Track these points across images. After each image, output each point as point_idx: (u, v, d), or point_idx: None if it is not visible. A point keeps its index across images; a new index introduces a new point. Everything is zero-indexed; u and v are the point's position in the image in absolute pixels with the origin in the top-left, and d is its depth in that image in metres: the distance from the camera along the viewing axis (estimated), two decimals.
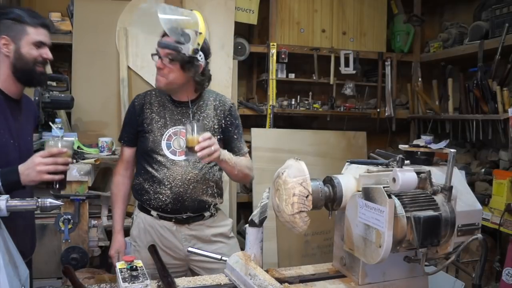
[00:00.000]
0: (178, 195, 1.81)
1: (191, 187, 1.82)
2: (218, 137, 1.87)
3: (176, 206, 1.82)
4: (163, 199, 1.82)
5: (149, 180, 1.85)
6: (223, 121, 1.90)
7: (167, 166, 1.82)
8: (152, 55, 1.81)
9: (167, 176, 1.81)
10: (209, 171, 1.87)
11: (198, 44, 1.75)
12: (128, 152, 1.95)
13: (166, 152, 1.82)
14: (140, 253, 1.86)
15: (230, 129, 1.91)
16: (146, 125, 1.86)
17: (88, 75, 3.20)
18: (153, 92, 1.93)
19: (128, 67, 3.22)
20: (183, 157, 1.82)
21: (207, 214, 1.90)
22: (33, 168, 1.40)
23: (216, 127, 1.88)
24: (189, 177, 1.82)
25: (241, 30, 3.65)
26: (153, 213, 1.88)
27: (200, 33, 1.75)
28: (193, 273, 1.88)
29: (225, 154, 1.74)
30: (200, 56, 1.77)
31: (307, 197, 1.23)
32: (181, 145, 1.82)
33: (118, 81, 3.20)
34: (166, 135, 1.83)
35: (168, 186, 1.81)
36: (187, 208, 1.84)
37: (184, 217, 1.84)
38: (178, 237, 1.87)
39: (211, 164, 1.87)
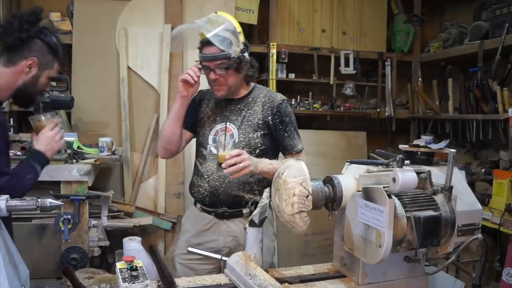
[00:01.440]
0: (214, 188, 1.84)
1: (226, 181, 1.83)
2: (262, 132, 1.85)
3: (212, 199, 1.86)
4: (202, 191, 1.87)
5: (196, 173, 1.94)
6: (269, 118, 1.86)
7: (208, 159, 1.87)
8: (200, 68, 1.82)
9: (207, 170, 1.86)
10: None
11: (242, 43, 1.80)
12: (187, 135, 1.99)
13: (212, 147, 1.88)
14: (184, 236, 1.97)
15: (280, 127, 1.87)
16: (200, 118, 1.94)
17: (88, 75, 3.20)
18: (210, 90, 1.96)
19: (128, 67, 3.23)
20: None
21: (245, 211, 1.88)
22: (52, 140, 1.59)
23: (260, 122, 1.86)
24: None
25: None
26: (198, 205, 1.95)
27: (240, 32, 1.79)
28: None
29: (263, 165, 1.68)
30: (246, 52, 1.83)
31: (307, 197, 1.23)
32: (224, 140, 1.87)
33: (118, 81, 3.21)
34: (214, 130, 1.89)
35: (207, 179, 1.86)
36: (222, 202, 1.85)
37: (220, 211, 1.86)
38: (216, 232, 1.89)
39: None
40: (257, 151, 1.86)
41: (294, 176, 1.25)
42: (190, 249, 1.63)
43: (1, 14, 3.11)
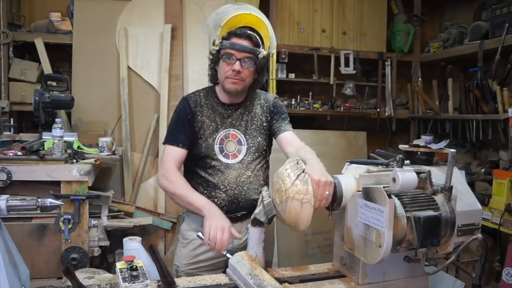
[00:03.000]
0: (233, 197, 1.80)
1: (245, 188, 1.81)
2: (267, 134, 1.87)
3: (231, 207, 1.80)
4: (218, 202, 1.79)
5: (203, 184, 1.82)
6: (269, 118, 1.89)
7: (221, 170, 1.80)
8: (223, 57, 1.75)
9: (222, 180, 1.79)
10: (260, 170, 1.87)
11: (269, 48, 1.78)
12: (183, 154, 1.81)
13: (220, 156, 1.80)
14: (187, 249, 1.85)
15: (275, 116, 1.90)
16: (197, 129, 1.82)
17: (88, 75, 3.20)
18: (201, 94, 1.88)
19: (128, 67, 3.23)
20: (236, 160, 1.81)
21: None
22: None
23: (265, 125, 1.87)
24: (243, 179, 1.81)
25: None
26: None
27: (270, 37, 1.78)
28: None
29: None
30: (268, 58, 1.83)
31: (308, 185, 1.26)
32: (233, 148, 1.82)
33: (118, 81, 3.21)
34: (218, 139, 1.81)
35: (224, 189, 1.79)
36: (242, 208, 1.83)
37: (238, 215, 1.83)
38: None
39: (262, 163, 1.88)
40: (263, 153, 1.87)
41: (292, 169, 1.31)
42: (199, 234, 1.61)
43: (1, 14, 3.11)
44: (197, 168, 1.84)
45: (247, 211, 1.82)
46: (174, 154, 1.80)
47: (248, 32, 1.74)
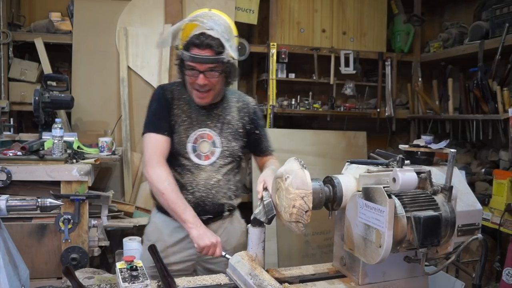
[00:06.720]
0: (199, 199, 1.73)
1: (213, 191, 1.75)
2: (242, 140, 1.81)
3: (196, 210, 1.71)
4: None
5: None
6: (248, 125, 1.82)
7: (191, 170, 1.73)
8: (185, 69, 1.68)
9: (191, 181, 1.73)
10: (231, 175, 1.81)
11: (235, 48, 1.69)
12: (168, 144, 1.71)
13: (191, 155, 1.72)
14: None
15: (257, 131, 1.85)
16: (173, 122, 1.72)
17: (88, 75, 3.21)
18: (177, 88, 1.79)
19: (128, 67, 3.23)
20: (208, 162, 1.74)
21: (225, 214, 1.82)
22: None
23: (240, 131, 1.81)
24: (212, 182, 1.74)
25: (241, 30, 3.62)
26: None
27: (236, 36, 1.70)
28: (197, 274, 1.84)
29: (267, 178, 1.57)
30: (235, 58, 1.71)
31: (306, 212, 1.23)
32: (207, 149, 1.74)
33: (118, 81, 3.21)
34: (192, 137, 1.73)
35: (191, 191, 1.72)
36: (208, 212, 1.76)
37: (204, 219, 1.74)
38: None
39: (234, 168, 1.82)
40: (237, 159, 1.83)
41: (297, 187, 1.23)
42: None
43: (1, 14, 3.11)
44: (171, 164, 1.73)
45: (213, 215, 1.77)
46: (161, 143, 1.69)
47: (207, 41, 1.63)
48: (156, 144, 1.70)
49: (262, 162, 1.90)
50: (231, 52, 1.66)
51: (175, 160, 1.74)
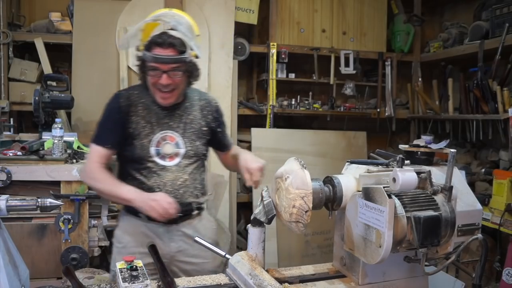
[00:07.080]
0: None
1: (181, 191, 1.76)
2: (205, 138, 1.83)
3: None
4: None
5: (138, 186, 1.72)
6: (212, 123, 1.85)
7: (157, 172, 1.73)
8: (146, 70, 1.69)
9: (158, 183, 1.73)
10: (197, 174, 1.83)
11: (198, 47, 1.70)
12: (110, 155, 1.74)
13: (156, 158, 1.73)
14: (122, 254, 1.73)
15: (219, 130, 1.89)
16: (131, 130, 1.72)
17: (88, 75, 3.20)
18: (135, 92, 1.80)
19: (128, 67, 3.23)
20: (173, 162, 1.75)
21: (194, 213, 1.85)
22: None
23: (204, 129, 1.82)
24: (179, 182, 1.76)
25: (241, 30, 3.65)
26: (141, 215, 1.74)
27: (198, 35, 1.70)
28: (175, 275, 1.81)
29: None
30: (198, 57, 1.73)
31: (306, 212, 1.23)
32: (170, 151, 1.75)
33: (118, 81, 3.20)
34: (154, 141, 1.73)
35: (158, 192, 1.71)
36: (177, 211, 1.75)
37: (174, 218, 1.72)
38: (164, 239, 1.79)
39: (199, 167, 1.84)
40: (202, 157, 1.84)
41: (297, 187, 1.23)
42: (197, 239, 1.59)
43: (1, 14, 3.11)
44: (131, 170, 1.75)
45: (183, 213, 1.77)
46: (101, 154, 1.72)
47: (169, 40, 1.64)
48: (98, 155, 1.72)
49: (227, 156, 1.96)
50: (195, 51, 1.68)
51: (140, 164, 1.74)
